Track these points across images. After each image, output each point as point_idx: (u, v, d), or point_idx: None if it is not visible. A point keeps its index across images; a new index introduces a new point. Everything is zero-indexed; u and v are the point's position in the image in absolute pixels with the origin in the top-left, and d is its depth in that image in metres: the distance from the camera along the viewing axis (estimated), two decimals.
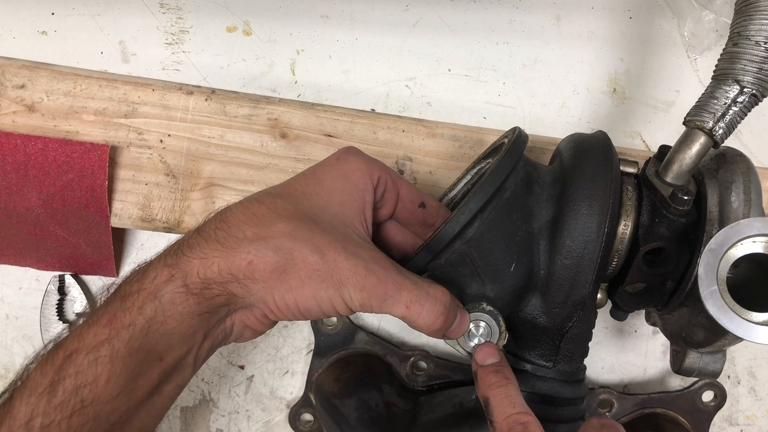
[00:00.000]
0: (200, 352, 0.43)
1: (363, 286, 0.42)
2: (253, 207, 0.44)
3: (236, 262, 0.41)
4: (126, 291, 0.41)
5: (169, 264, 0.41)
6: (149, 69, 0.71)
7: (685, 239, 0.49)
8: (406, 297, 0.43)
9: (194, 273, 0.41)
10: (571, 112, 0.73)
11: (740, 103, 0.45)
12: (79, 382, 0.39)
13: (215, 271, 0.41)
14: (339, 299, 0.42)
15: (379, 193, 0.48)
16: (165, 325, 0.40)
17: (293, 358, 0.69)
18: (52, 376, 0.39)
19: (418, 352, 0.67)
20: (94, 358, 0.39)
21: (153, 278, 0.41)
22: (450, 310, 0.44)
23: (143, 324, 0.40)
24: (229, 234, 0.42)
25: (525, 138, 0.49)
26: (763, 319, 0.43)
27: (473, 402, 0.60)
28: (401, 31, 0.73)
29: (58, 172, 0.60)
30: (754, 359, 0.71)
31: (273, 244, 0.41)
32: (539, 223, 0.48)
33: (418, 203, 0.50)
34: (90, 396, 0.39)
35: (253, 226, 0.42)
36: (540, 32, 0.74)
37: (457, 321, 0.45)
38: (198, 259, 0.41)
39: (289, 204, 0.44)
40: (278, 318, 0.44)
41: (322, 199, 0.45)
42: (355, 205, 0.45)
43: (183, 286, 0.41)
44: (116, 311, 0.40)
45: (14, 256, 0.66)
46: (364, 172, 0.46)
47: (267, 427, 0.69)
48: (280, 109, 0.64)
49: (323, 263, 0.41)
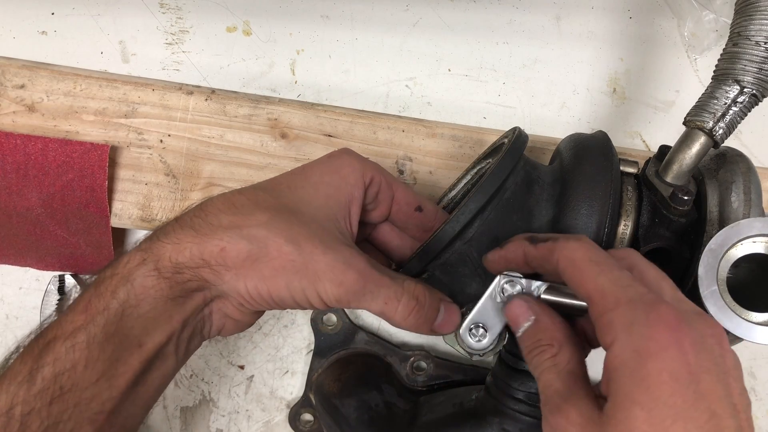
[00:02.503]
0: (181, 339, 0.43)
1: (341, 281, 0.41)
2: (233, 197, 0.44)
3: (208, 248, 0.41)
4: (101, 277, 0.42)
5: (142, 249, 0.42)
6: (149, 69, 0.71)
7: (685, 239, 0.49)
8: (384, 292, 0.42)
9: (166, 257, 0.41)
10: (571, 112, 0.73)
11: (740, 103, 0.45)
12: (58, 369, 0.39)
13: (187, 256, 0.41)
14: (313, 292, 0.42)
15: (372, 194, 0.47)
16: (138, 308, 0.41)
17: (293, 358, 0.69)
18: (31, 364, 0.39)
19: (418, 352, 0.67)
20: (71, 344, 0.39)
21: (126, 262, 0.41)
22: (426, 304, 0.44)
23: (117, 308, 0.40)
24: (205, 221, 0.42)
25: (525, 138, 0.49)
26: (762, 319, 0.43)
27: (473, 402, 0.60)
28: (401, 31, 0.73)
29: (58, 172, 0.60)
30: (754, 359, 0.71)
31: (247, 233, 0.41)
32: (539, 223, 0.48)
33: (414, 206, 0.49)
34: (69, 383, 0.39)
35: (230, 215, 0.42)
36: (540, 32, 0.74)
37: (443, 314, 0.45)
38: (171, 244, 0.41)
39: (270, 196, 0.44)
40: (253, 307, 0.44)
41: (307, 192, 0.45)
42: (341, 199, 0.45)
43: (155, 270, 0.41)
44: (91, 297, 0.41)
45: (14, 256, 0.66)
46: (355, 168, 0.46)
47: (267, 427, 0.69)
48: (280, 109, 0.64)
49: (298, 255, 0.41)
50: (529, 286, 0.45)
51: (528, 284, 0.45)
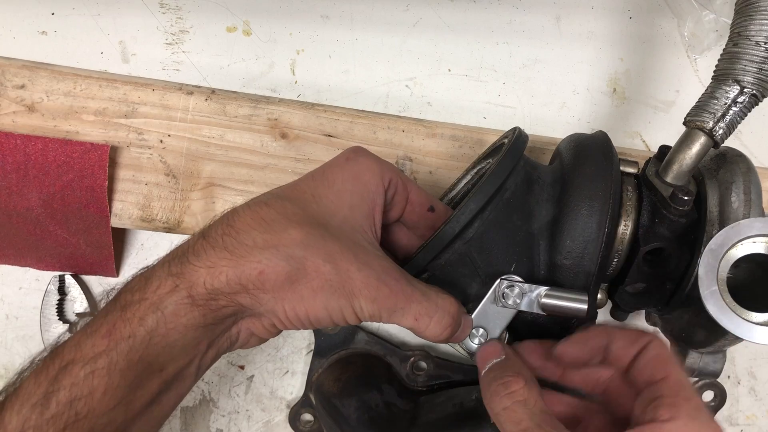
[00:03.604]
0: (203, 361, 0.42)
1: (375, 298, 0.41)
2: (262, 211, 0.41)
3: (246, 272, 0.39)
4: (127, 300, 0.40)
5: (173, 273, 0.40)
6: (149, 69, 0.71)
7: (685, 239, 0.49)
8: (415, 309, 0.42)
9: (200, 283, 0.39)
10: (571, 112, 0.73)
11: (740, 104, 0.45)
12: (74, 395, 0.37)
13: (223, 281, 0.39)
14: (350, 310, 0.41)
15: (389, 196, 0.47)
16: (167, 337, 0.39)
17: (293, 358, 0.69)
18: (46, 386, 0.37)
19: (418, 352, 0.67)
20: (90, 370, 0.38)
21: (156, 288, 0.39)
22: (457, 321, 0.43)
23: (144, 336, 0.38)
24: (238, 241, 0.40)
25: (525, 138, 0.49)
26: (762, 319, 0.43)
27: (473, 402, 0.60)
28: (401, 31, 0.73)
29: (58, 172, 0.60)
30: (754, 359, 0.71)
31: (285, 253, 0.40)
32: (539, 224, 0.48)
33: (427, 207, 0.49)
34: (85, 409, 0.37)
35: (263, 233, 0.40)
36: (540, 32, 0.74)
37: (461, 328, 0.45)
38: (205, 268, 0.39)
39: (298, 208, 0.42)
40: (286, 327, 0.43)
41: (332, 202, 0.43)
42: (365, 208, 0.44)
43: (188, 297, 0.39)
44: (116, 321, 0.39)
45: (14, 256, 0.66)
46: (375, 173, 0.45)
47: (267, 427, 0.69)
48: (280, 109, 0.64)
49: (335, 273, 0.40)
50: (529, 289, 0.45)
51: (528, 288, 0.45)
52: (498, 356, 0.44)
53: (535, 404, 0.40)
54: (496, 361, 0.44)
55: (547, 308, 0.45)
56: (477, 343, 0.46)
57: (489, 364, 0.44)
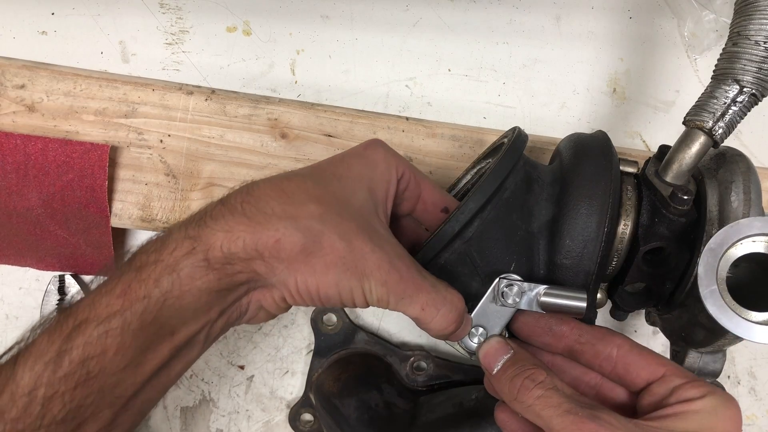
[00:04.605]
0: (213, 329, 0.42)
1: (385, 281, 0.41)
2: (283, 183, 0.42)
3: (263, 239, 0.39)
4: (143, 261, 0.39)
5: (191, 236, 0.39)
6: (149, 69, 0.71)
7: (685, 239, 0.49)
8: (423, 298, 0.42)
9: (217, 246, 0.39)
10: (571, 112, 0.73)
11: (740, 103, 0.45)
12: (87, 354, 0.37)
13: (240, 246, 0.39)
14: (359, 291, 0.41)
15: (401, 188, 0.47)
16: (181, 299, 0.39)
17: (293, 358, 0.69)
18: (60, 344, 0.37)
19: (418, 352, 0.67)
20: (104, 329, 0.37)
21: (173, 249, 0.39)
22: (462, 318, 0.44)
23: (158, 297, 0.38)
24: (257, 208, 0.40)
25: (525, 138, 0.49)
26: (762, 318, 0.43)
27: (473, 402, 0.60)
28: (401, 31, 0.73)
29: (58, 172, 0.61)
30: (754, 359, 0.71)
31: (303, 225, 0.40)
32: (539, 223, 0.48)
33: (441, 207, 0.49)
34: (96, 368, 0.37)
35: (283, 204, 0.40)
36: (540, 32, 0.74)
37: (463, 326, 0.45)
38: (222, 232, 0.39)
39: (319, 185, 0.43)
40: (296, 302, 0.43)
41: (350, 184, 0.44)
42: (380, 195, 0.45)
43: (204, 260, 0.39)
44: (131, 282, 0.39)
45: (14, 256, 0.66)
46: (390, 163, 0.46)
47: (267, 427, 0.69)
48: (280, 109, 0.64)
49: (349, 251, 0.40)
50: (528, 288, 0.45)
51: (527, 286, 0.45)
52: (506, 352, 0.44)
53: (563, 388, 0.41)
54: (507, 357, 0.44)
55: (547, 307, 0.45)
56: (476, 342, 0.46)
57: (500, 362, 0.44)
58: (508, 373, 0.43)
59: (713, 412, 0.40)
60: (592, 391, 0.46)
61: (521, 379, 0.42)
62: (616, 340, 0.44)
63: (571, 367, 0.46)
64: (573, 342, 0.45)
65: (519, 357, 0.44)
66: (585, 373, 0.46)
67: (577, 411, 0.39)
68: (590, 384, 0.46)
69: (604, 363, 0.44)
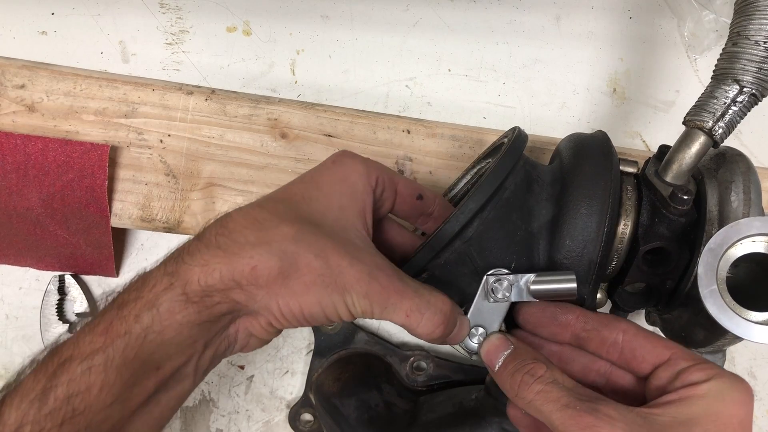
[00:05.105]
0: (201, 361, 0.43)
1: (366, 292, 0.41)
2: (254, 212, 0.43)
3: (239, 268, 0.40)
4: (124, 299, 0.41)
5: (168, 272, 0.40)
6: (149, 69, 0.71)
7: (685, 239, 0.49)
8: (406, 305, 0.42)
9: (194, 281, 0.40)
10: (571, 112, 0.73)
11: (740, 103, 0.45)
12: (72, 391, 0.38)
13: (216, 278, 0.40)
14: (343, 305, 0.41)
15: (378, 194, 0.47)
16: (162, 334, 0.40)
17: (293, 358, 0.69)
18: (45, 383, 0.38)
19: (418, 352, 0.67)
20: (87, 366, 0.38)
21: (152, 287, 0.40)
22: (450, 319, 0.43)
23: (139, 333, 0.39)
24: (231, 239, 0.41)
25: (525, 138, 0.49)
26: (762, 318, 0.43)
27: (473, 402, 0.60)
28: (401, 31, 0.73)
29: (58, 172, 0.61)
30: (754, 359, 0.71)
31: (276, 249, 0.40)
32: (539, 223, 0.48)
33: (415, 195, 0.50)
34: (82, 405, 0.38)
35: (256, 231, 0.41)
36: (540, 32, 0.74)
37: (457, 327, 0.45)
38: (198, 266, 0.40)
39: (290, 208, 0.43)
40: (282, 326, 0.43)
41: (322, 203, 0.44)
42: (355, 208, 0.45)
43: (182, 294, 0.40)
44: (113, 319, 0.40)
45: (14, 256, 0.66)
46: (361, 173, 0.46)
47: (267, 427, 0.69)
48: (280, 109, 0.64)
49: (327, 268, 0.41)
50: (517, 280, 0.45)
51: (516, 278, 0.45)
52: (506, 348, 0.44)
53: (564, 381, 0.41)
54: (507, 353, 0.44)
55: (538, 294, 0.45)
56: (476, 342, 0.46)
57: (501, 358, 0.44)
58: (508, 368, 0.43)
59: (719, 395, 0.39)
60: (602, 379, 0.45)
61: (521, 374, 0.42)
62: (622, 325, 0.44)
63: (580, 355, 0.46)
64: (579, 330, 0.45)
65: (519, 352, 0.44)
66: (594, 361, 0.45)
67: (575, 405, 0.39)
68: (600, 372, 0.45)
69: (611, 349, 0.44)
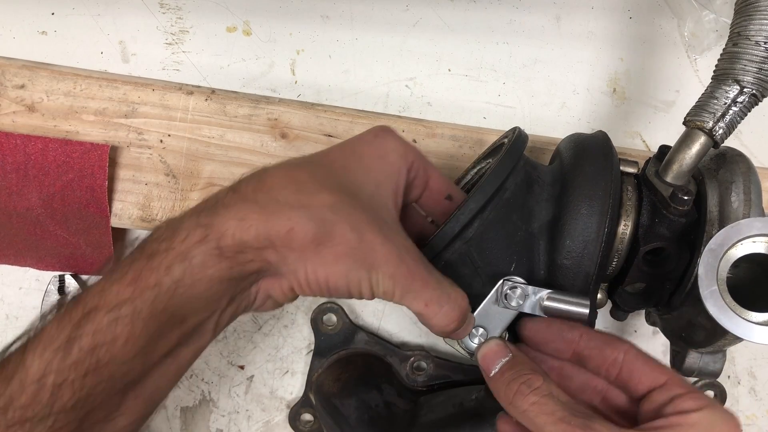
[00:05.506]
0: (222, 317, 0.42)
1: (393, 274, 0.41)
2: (294, 172, 0.42)
3: (276, 227, 0.39)
4: (154, 249, 0.39)
5: (203, 223, 0.39)
6: (149, 69, 0.71)
7: (685, 239, 0.49)
8: (427, 294, 0.42)
9: (229, 235, 0.38)
10: (571, 112, 0.73)
11: (740, 103, 0.45)
12: (97, 341, 0.37)
13: (252, 234, 0.38)
14: (367, 282, 0.41)
15: (410, 178, 0.47)
16: (192, 288, 0.38)
17: (293, 358, 0.69)
18: (69, 331, 0.37)
19: (418, 352, 0.67)
20: (114, 317, 0.37)
21: (184, 237, 0.39)
22: (465, 316, 0.43)
23: (170, 285, 0.38)
24: (270, 197, 0.40)
25: (525, 138, 0.49)
26: (762, 319, 0.43)
27: (473, 402, 0.60)
28: (401, 31, 0.73)
29: (58, 172, 0.61)
30: (754, 359, 0.71)
31: (315, 214, 0.39)
32: (539, 223, 0.48)
33: (445, 194, 0.49)
34: (106, 356, 0.37)
35: (295, 192, 0.40)
36: (540, 32, 0.74)
37: (465, 324, 0.45)
38: (235, 220, 0.39)
39: (330, 175, 0.42)
40: (303, 293, 0.42)
41: (360, 176, 0.43)
42: (390, 187, 0.44)
43: (216, 248, 0.38)
44: (142, 269, 0.38)
45: (14, 256, 0.66)
46: (400, 154, 0.45)
47: (267, 427, 0.69)
48: (280, 109, 0.64)
49: (360, 242, 0.40)
50: (532, 292, 0.45)
51: (531, 290, 0.45)
52: (504, 355, 0.44)
53: (559, 395, 0.41)
54: (505, 360, 0.44)
55: (549, 311, 0.45)
56: (476, 343, 0.46)
57: (498, 365, 0.44)
58: (505, 376, 0.43)
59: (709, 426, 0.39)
60: (598, 397, 0.46)
61: (517, 384, 0.42)
62: (624, 345, 0.44)
63: (579, 372, 0.46)
64: (582, 347, 0.45)
65: (517, 361, 0.44)
66: (592, 378, 0.46)
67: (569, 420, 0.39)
68: (596, 389, 0.46)
69: (611, 368, 0.44)
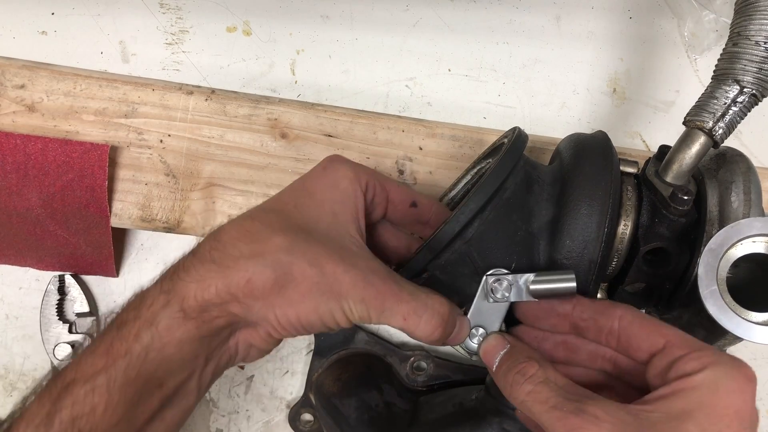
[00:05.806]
0: (204, 376, 0.43)
1: (362, 298, 0.41)
2: (246, 223, 0.43)
3: (234, 281, 0.40)
4: (123, 319, 0.41)
5: (165, 290, 0.41)
6: (149, 69, 0.71)
7: (685, 239, 0.49)
8: (403, 309, 0.42)
9: (191, 296, 0.40)
10: (571, 112, 0.73)
11: (740, 103, 0.45)
12: (76, 413, 0.38)
13: (213, 292, 0.40)
14: (340, 312, 0.41)
15: (369, 198, 0.47)
16: (163, 351, 0.40)
17: (293, 358, 0.69)
18: (49, 407, 0.38)
19: (418, 352, 0.67)
20: (90, 387, 0.39)
21: (150, 305, 0.41)
22: (448, 321, 0.43)
23: (140, 352, 0.39)
24: (225, 253, 0.41)
25: (525, 138, 0.49)
26: (762, 319, 0.43)
27: (473, 402, 0.60)
28: (401, 31, 0.73)
29: (58, 172, 0.61)
30: (754, 359, 0.71)
31: (270, 260, 0.41)
32: (539, 223, 0.48)
33: (408, 203, 0.49)
34: (87, 426, 0.38)
35: (249, 243, 0.41)
36: (540, 32, 0.74)
37: (457, 328, 0.45)
38: (194, 282, 0.40)
39: (282, 217, 0.43)
40: (281, 335, 0.43)
41: (314, 211, 0.44)
42: (347, 213, 0.45)
43: (180, 311, 0.40)
44: (113, 340, 0.40)
45: (14, 256, 0.66)
46: (351, 179, 0.46)
47: (267, 427, 0.69)
48: (280, 109, 0.64)
49: (322, 276, 0.41)
50: (516, 279, 0.45)
51: (515, 278, 0.45)
52: (503, 347, 0.44)
53: (555, 380, 0.40)
54: (504, 352, 0.44)
55: (538, 293, 0.45)
56: (476, 343, 0.46)
57: (498, 357, 0.44)
58: (503, 368, 0.43)
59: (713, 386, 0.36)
60: (609, 364, 0.44)
61: (512, 374, 0.42)
62: (617, 311, 0.42)
63: (585, 343, 0.45)
64: (576, 319, 0.44)
65: (514, 351, 0.44)
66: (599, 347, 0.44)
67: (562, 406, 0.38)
68: (605, 357, 0.44)
69: (609, 337, 0.43)
